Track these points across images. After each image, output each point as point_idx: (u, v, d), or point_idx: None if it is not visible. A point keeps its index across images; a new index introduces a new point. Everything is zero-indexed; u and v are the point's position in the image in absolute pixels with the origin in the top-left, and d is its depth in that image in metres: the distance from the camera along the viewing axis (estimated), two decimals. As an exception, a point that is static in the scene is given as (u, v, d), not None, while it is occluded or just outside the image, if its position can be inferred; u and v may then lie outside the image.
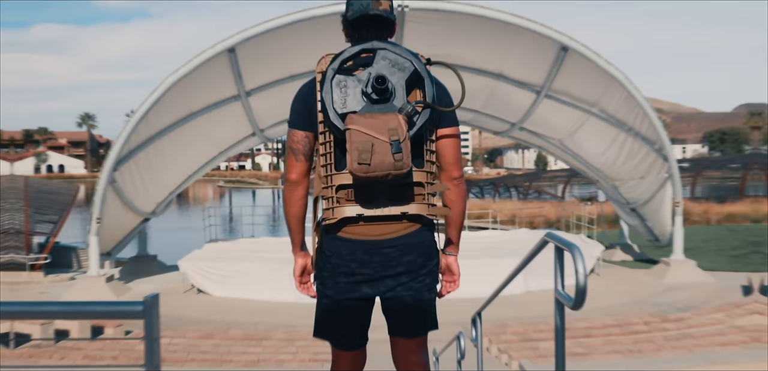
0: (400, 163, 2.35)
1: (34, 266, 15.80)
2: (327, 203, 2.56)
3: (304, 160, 2.61)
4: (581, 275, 2.32)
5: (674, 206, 15.20)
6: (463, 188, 2.70)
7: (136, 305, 1.83)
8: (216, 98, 14.57)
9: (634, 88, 14.11)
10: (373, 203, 2.52)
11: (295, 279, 2.78)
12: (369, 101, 2.45)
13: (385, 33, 2.64)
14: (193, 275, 13.96)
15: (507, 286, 4.57)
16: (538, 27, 13.31)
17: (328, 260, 2.60)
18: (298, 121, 2.62)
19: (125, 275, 15.62)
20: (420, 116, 2.48)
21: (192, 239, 18.38)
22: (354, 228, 2.55)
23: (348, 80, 2.47)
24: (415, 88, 2.53)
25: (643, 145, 15.09)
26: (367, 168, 2.35)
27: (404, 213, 2.53)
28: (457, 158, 2.65)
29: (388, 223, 2.54)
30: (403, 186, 2.52)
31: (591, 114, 15.15)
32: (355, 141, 2.36)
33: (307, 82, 2.67)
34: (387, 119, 2.39)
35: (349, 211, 2.52)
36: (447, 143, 2.62)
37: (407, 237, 2.55)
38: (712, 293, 13.33)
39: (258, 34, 13.05)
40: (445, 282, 2.79)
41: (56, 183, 23.03)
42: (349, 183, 2.50)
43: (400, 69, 2.49)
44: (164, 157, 15.01)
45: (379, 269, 2.56)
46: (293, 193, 2.64)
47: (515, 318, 11.25)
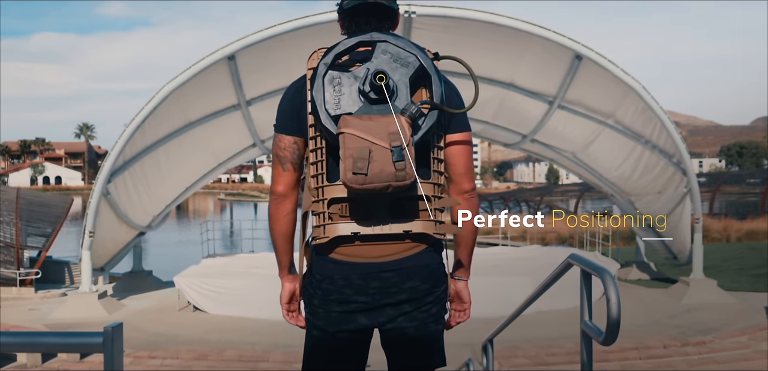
0: (403, 173, 2.07)
1: (25, 281, 15.40)
2: (318, 220, 2.26)
3: (292, 169, 2.32)
4: (613, 306, 2.06)
5: (693, 223, 14.66)
6: (475, 202, 2.37)
7: (95, 336, 1.70)
8: (215, 107, 14.20)
9: (651, 98, 13.64)
10: (371, 220, 2.22)
11: (282, 307, 2.49)
12: (367, 101, 2.16)
13: (386, 24, 2.34)
14: (189, 292, 13.53)
15: (517, 304, 4.22)
16: (551, 34, 12.87)
17: (319, 286, 2.29)
18: (284, 124, 2.34)
19: (119, 291, 15.28)
20: (426, 119, 2.18)
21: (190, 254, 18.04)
22: (349, 249, 2.25)
23: (342, 77, 2.19)
24: (420, 86, 2.23)
25: (661, 158, 14.60)
26: (364, 179, 2.06)
27: (407, 232, 2.23)
28: (468, 168, 2.34)
29: (388, 243, 2.24)
30: (405, 200, 2.22)
31: (606, 125, 14.70)
32: (349, 147, 2.07)
33: (296, 80, 2.40)
34: (387, 122, 2.10)
35: (343, 229, 2.22)
36: (457, 150, 2.31)
37: (411, 260, 2.25)
38: (734, 314, 12.72)
39: (259, 41, 12.63)
40: (453, 311, 2.47)
41: (49, 195, 22.71)
42: (343, 196, 2.20)
43: (403, 64, 2.19)
44: (161, 168, 14.65)
45: (377, 297, 2.25)
46: (280, 207, 2.35)
47: (526, 339, 10.72)
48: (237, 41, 12.78)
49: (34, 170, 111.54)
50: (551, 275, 3.02)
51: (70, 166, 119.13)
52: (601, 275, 2.17)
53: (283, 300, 2.48)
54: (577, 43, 13.11)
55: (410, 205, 2.23)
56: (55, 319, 12.42)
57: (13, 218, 15.94)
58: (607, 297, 2.07)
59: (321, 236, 2.23)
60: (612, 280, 2.08)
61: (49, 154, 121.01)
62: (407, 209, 2.23)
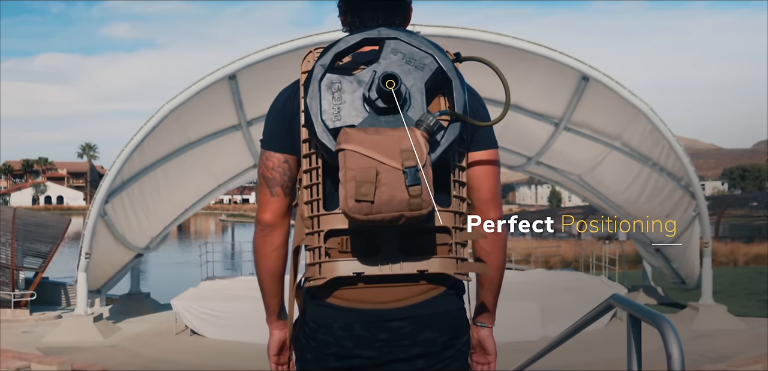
0: (418, 200, 1.67)
1: (20, 303, 15.12)
2: (312, 256, 1.85)
3: (281, 194, 1.94)
4: (676, 362, 1.68)
5: (703, 247, 14.40)
6: (503, 234, 1.98)
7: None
8: (215, 127, 13.96)
9: (659, 120, 13.44)
10: (377, 257, 1.81)
11: (270, 360, 2.13)
12: (373, 111, 1.78)
13: (396, 19, 1.98)
14: (186, 316, 13.26)
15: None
16: (558, 55, 12.70)
17: (314, 337, 1.88)
18: (273, 139, 1.96)
19: (115, 314, 14.95)
20: (446, 133, 1.80)
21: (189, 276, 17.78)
22: (350, 292, 1.84)
23: (343, 81, 1.81)
24: (438, 93, 1.87)
25: (669, 181, 14.36)
26: (369, 208, 1.66)
27: (422, 272, 1.82)
28: (495, 193, 1.96)
29: (399, 285, 1.83)
30: (420, 233, 1.82)
31: (613, 148, 14.47)
32: (351, 168, 1.67)
33: (288, 85, 2.01)
34: (399, 137, 1.71)
35: (343, 268, 1.81)
36: (482, 171, 1.95)
37: (426, 306, 1.85)
38: (746, 341, 12.42)
39: (260, 61, 12.45)
40: (476, 364, 2.09)
41: (46, 215, 22.48)
42: (343, 228, 1.80)
43: (417, 67, 1.82)
44: (159, 189, 14.40)
45: (385, 352, 1.84)
46: (267, 240, 1.97)
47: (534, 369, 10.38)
48: (238, 60, 12.62)
49: (36, 189, 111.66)
50: (589, 315, 2.72)
51: (72, 186, 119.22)
52: (658, 324, 1.82)
53: (271, 351, 2.14)
54: (584, 64, 12.93)
55: (426, 239, 1.84)
56: (49, 342, 12.14)
57: (9, 238, 15.70)
58: (668, 352, 1.72)
59: (316, 277, 1.83)
60: (673, 331, 1.73)
61: (51, 174, 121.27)
62: (422, 243, 1.83)
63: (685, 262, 15.21)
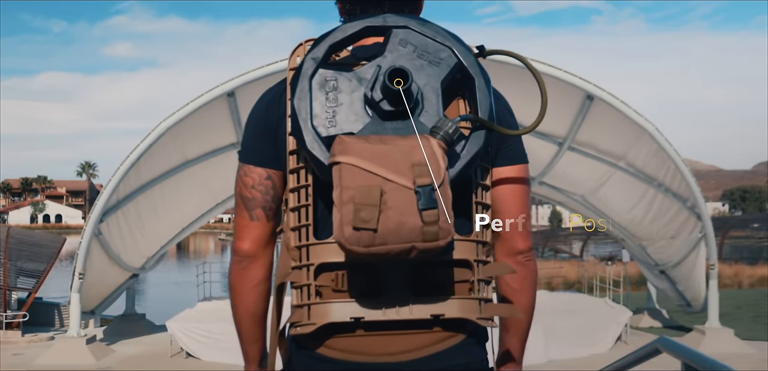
0: (434, 228, 1.30)
1: (12, 324, 14.80)
2: (299, 296, 1.47)
3: (263, 217, 1.55)
4: None
5: (708, 269, 14.18)
6: (532, 267, 1.59)
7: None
8: (214, 145, 13.74)
9: (665, 140, 13.26)
10: (381, 298, 1.43)
11: None
12: (377, 115, 1.41)
13: (406, 6, 1.61)
14: (181, 338, 12.94)
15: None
16: (562, 74, 12.52)
17: None
18: (253, 149, 1.57)
19: (109, 335, 14.61)
20: (468, 143, 1.43)
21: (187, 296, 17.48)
22: (347, 342, 1.46)
23: (340, 79, 1.43)
24: (457, 95, 1.50)
25: (675, 202, 14.13)
26: (371, 238, 1.29)
27: (438, 316, 1.43)
28: (525, 218, 1.56)
29: (408, 333, 1.45)
30: (435, 267, 1.46)
31: (617, 168, 14.27)
32: (349, 186, 1.30)
33: (273, 85, 1.61)
34: (410, 147, 1.34)
35: (337, 312, 1.43)
36: (511, 192, 1.56)
37: (442, 358, 1.46)
38: (754, 365, 12.12)
39: (260, 78, 12.19)
40: None
41: (40, 234, 22.21)
42: (338, 262, 1.42)
43: (432, 62, 1.44)
44: (156, 208, 14.15)
45: None
46: (245, 275, 1.57)
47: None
48: (237, 78, 12.40)
49: (35, 207, 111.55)
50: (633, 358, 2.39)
51: (71, 204, 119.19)
52: None
53: None
54: (588, 83, 12.78)
55: (442, 274, 1.47)
56: (40, 365, 11.85)
57: (1, 257, 15.42)
58: None
59: (304, 322, 1.45)
60: None
61: (50, 192, 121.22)
62: (437, 280, 1.46)
63: (690, 284, 14.95)
